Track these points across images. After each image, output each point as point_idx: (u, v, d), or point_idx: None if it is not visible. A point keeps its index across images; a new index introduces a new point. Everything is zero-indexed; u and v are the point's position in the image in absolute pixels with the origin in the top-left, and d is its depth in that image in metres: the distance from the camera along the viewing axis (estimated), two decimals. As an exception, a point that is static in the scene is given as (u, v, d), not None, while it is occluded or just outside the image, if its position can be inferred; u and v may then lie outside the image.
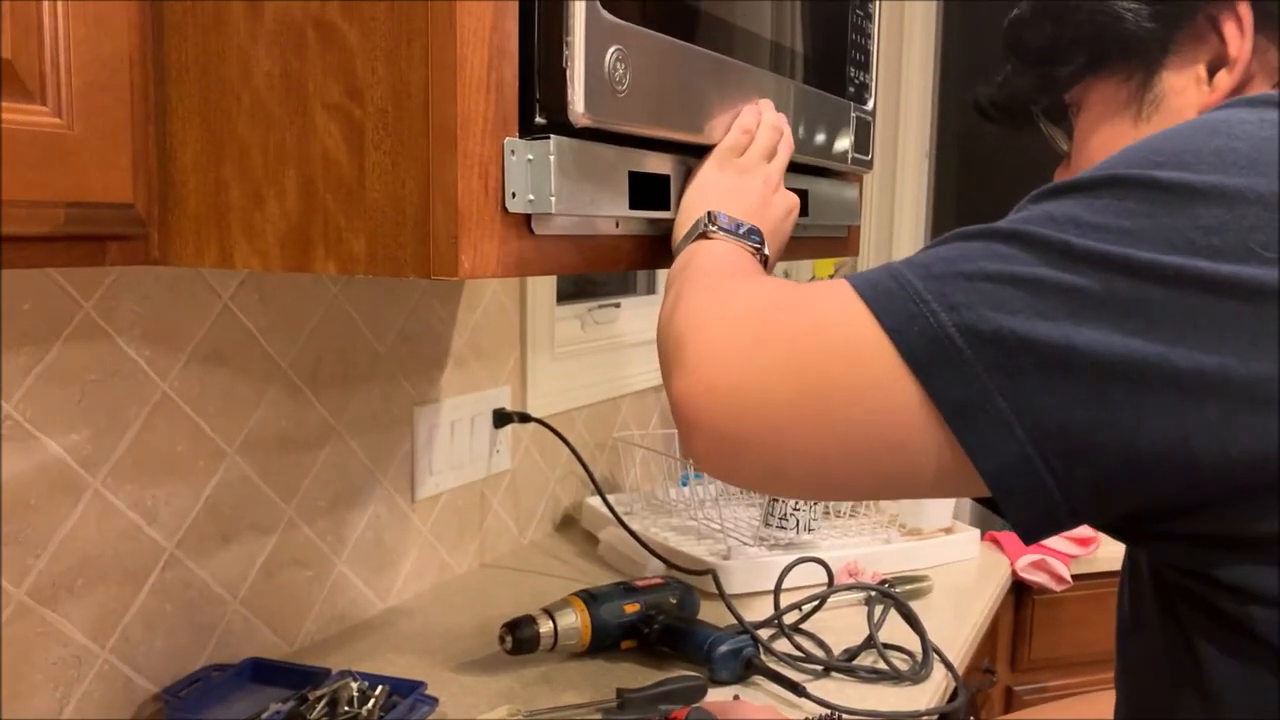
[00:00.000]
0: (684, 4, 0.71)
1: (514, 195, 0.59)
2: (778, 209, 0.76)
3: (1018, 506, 0.47)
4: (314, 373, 1.09)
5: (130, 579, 0.92)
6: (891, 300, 0.49)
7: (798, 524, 1.31)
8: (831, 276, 2.12)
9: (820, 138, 0.91)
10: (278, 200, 0.60)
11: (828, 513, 1.42)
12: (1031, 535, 0.49)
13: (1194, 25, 0.67)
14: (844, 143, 0.96)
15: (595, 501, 1.46)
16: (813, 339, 0.51)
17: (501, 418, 1.37)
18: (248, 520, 1.03)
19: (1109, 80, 0.71)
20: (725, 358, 0.53)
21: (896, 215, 2.35)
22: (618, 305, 1.70)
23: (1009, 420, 0.45)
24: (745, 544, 1.30)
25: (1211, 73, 0.67)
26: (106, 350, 0.88)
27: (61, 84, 0.56)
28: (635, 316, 1.72)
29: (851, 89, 0.97)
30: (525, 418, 1.38)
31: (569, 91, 0.59)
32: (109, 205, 0.59)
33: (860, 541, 1.36)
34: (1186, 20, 0.67)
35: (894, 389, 0.48)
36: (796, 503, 1.31)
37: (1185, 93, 0.68)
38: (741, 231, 0.69)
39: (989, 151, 2.39)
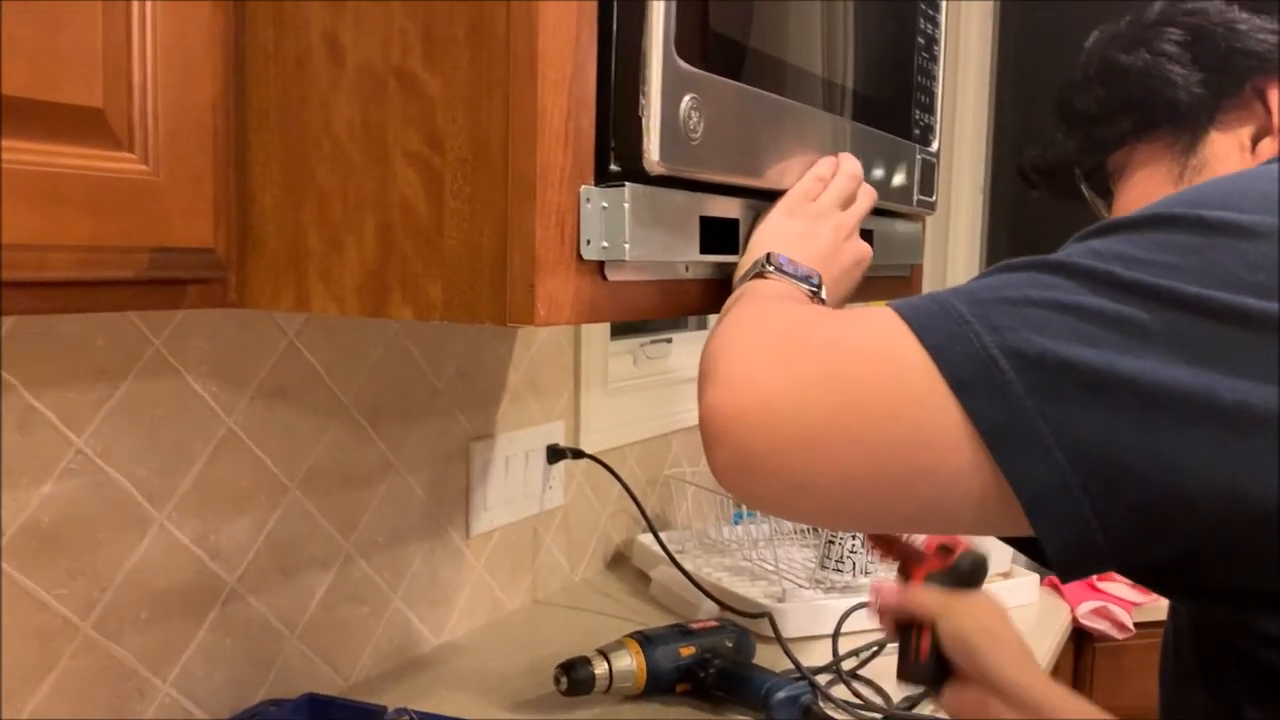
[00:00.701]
0: (753, 48, 0.71)
1: (589, 242, 0.59)
2: (846, 258, 0.75)
3: (1054, 533, 0.46)
4: (375, 408, 1.10)
5: (192, 613, 0.93)
6: (934, 320, 0.48)
7: (854, 566, 1.29)
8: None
9: (886, 180, 0.90)
10: (356, 246, 0.61)
11: (884, 555, 1.39)
12: (1068, 568, 0.47)
13: (1241, 94, 0.69)
14: (909, 184, 0.95)
15: (647, 539, 1.45)
16: (850, 355, 0.50)
17: (555, 454, 1.37)
18: (307, 555, 1.04)
19: (1154, 145, 0.73)
20: (755, 370, 0.52)
21: (950, 251, 2.33)
22: (669, 341, 1.70)
23: (1049, 443, 0.44)
24: (801, 586, 1.29)
25: (1255, 141, 0.69)
26: (175, 386, 0.90)
27: (149, 132, 0.57)
28: (687, 352, 1.72)
29: (916, 131, 0.97)
30: (579, 454, 1.38)
31: (645, 140, 0.59)
32: (191, 250, 0.60)
33: (917, 585, 1.34)
34: (1234, 89, 0.69)
35: (932, 408, 0.47)
36: (854, 545, 1.29)
37: (1229, 159, 0.70)
38: (799, 274, 0.68)
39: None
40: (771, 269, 0.67)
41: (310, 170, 0.62)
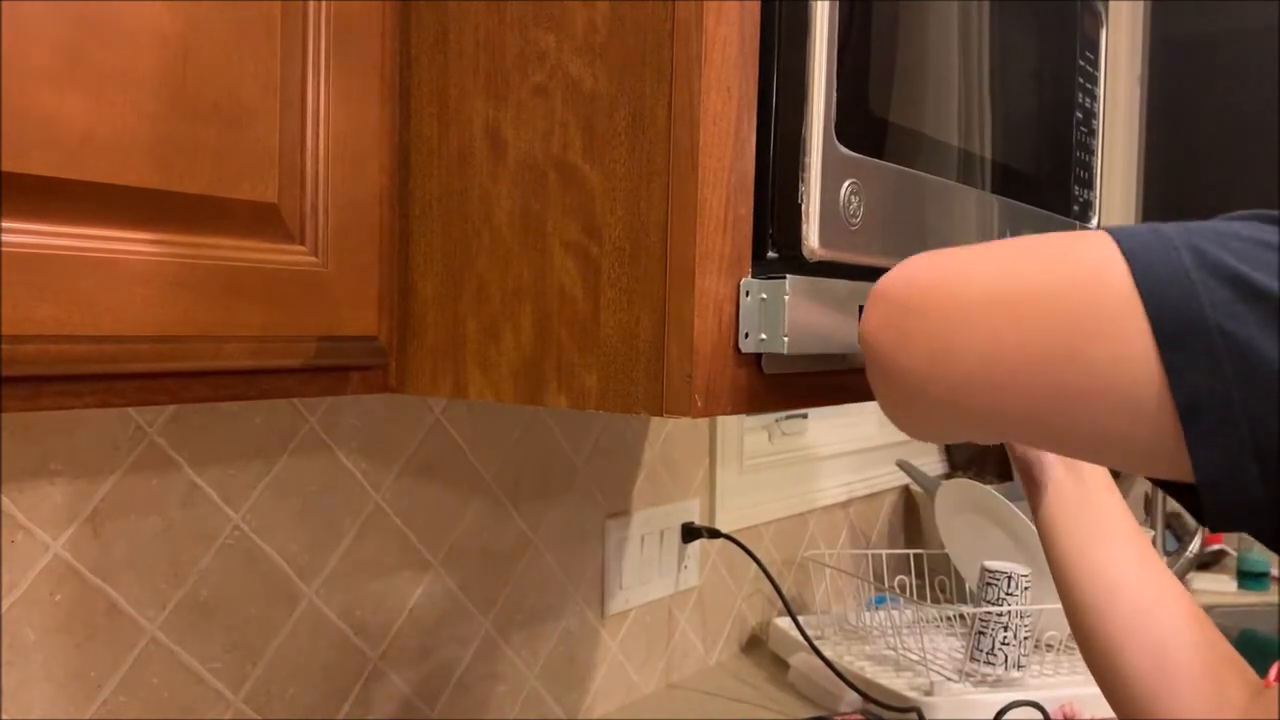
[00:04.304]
0: (911, 129, 0.69)
1: (747, 335, 0.58)
2: None
3: (1205, 447, 0.41)
4: (515, 485, 1.10)
5: (336, 690, 0.94)
6: (1138, 233, 0.45)
7: (1006, 660, 1.22)
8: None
9: (1046, 260, 0.87)
10: (513, 334, 0.61)
11: (1039, 646, 1.32)
12: (1215, 492, 0.42)
13: None
14: (1069, 264, 0.91)
15: (784, 623, 1.41)
16: (1040, 244, 0.47)
17: (690, 532, 1.35)
18: (448, 632, 1.04)
19: None
20: (934, 256, 0.50)
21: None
22: (805, 416, 1.67)
23: (1220, 357, 0.41)
24: (949, 679, 1.22)
25: None
26: (327, 463, 0.92)
27: (320, 225, 0.59)
28: (823, 428, 1.69)
29: (1076, 207, 0.93)
30: (714, 533, 1.36)
31: (804, 227, 0.58)
32: (355, 338, 0.61)
33: (1075, 681, 1.26)
34: None
35: (1104, 296, 0.43)
36: (1005, 636, 1.22)
37: None
38: None
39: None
40: None
41: (470, 259, 0.63)
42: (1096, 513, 0.71)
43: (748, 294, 0.58)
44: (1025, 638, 1.24)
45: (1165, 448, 0.43)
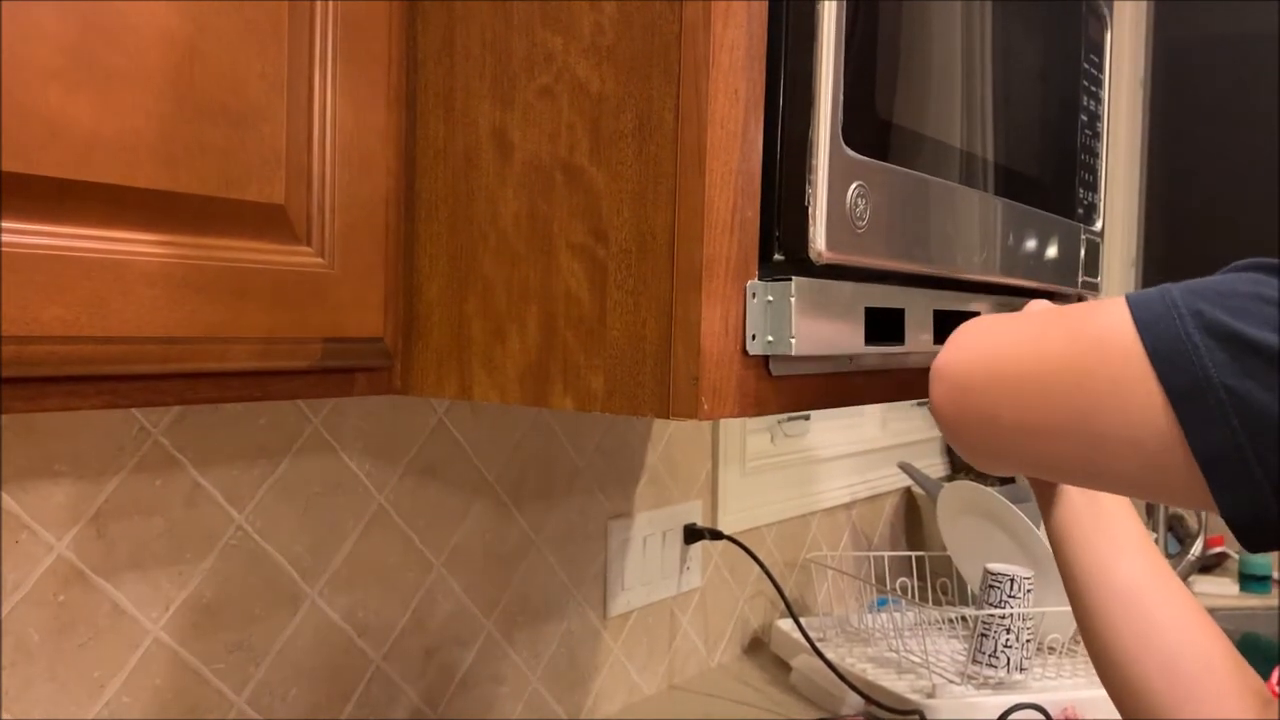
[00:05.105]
0: (917, 132, 0.69)
1: (754, 337, 0.58)
2: None
3: (1228, 493, 0.46)
4: (518, 486, 1.10)
5: (339, 691, 0.94)
6: (1149, 301, 0.50)
7: (1008, 662, 1.22)
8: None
9: (1051, 262, 0.87)
10: (519, 335, 0.61)
11: (1041, 649, 1.32)
12: (1245, 530, 0.46)
13: None
14: (1075, 266, 0.91)
15: (786, 625, 1.41)
16: (1069, 325, 0.54)
17: (693, 534, 1.35)
18: (450, 633, 1.04)
19: None
20: (976, 335, 0.58)
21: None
22: (807, 418, 1.67)
23: (1227, 411, 0.45)
24: (951, 681, 1.22)
25: None
26: (331, 463, 0.92)
27: (326, 226, 0.59)
28: (825, 430, 1.68)
29: (1080, 210, 0.93)
30: (716, 534, 1.36)
31: (810, 229, 0.58)
32: (361, 340, 0.61)
33: (1078, 683, 1.26)
34: None
35: (1110, 349, 0.49)
36: (1008, 639, 1.22)
37: None
38: None
39: (1195, 258, 2.27)
40: None
41: (476, 261, 0.63)
42: (1107, 522, 0.72)
43: (754, 296, 0.58)
44: (1028, 640, 1.24)
45: (1195, 490, 0.48)
